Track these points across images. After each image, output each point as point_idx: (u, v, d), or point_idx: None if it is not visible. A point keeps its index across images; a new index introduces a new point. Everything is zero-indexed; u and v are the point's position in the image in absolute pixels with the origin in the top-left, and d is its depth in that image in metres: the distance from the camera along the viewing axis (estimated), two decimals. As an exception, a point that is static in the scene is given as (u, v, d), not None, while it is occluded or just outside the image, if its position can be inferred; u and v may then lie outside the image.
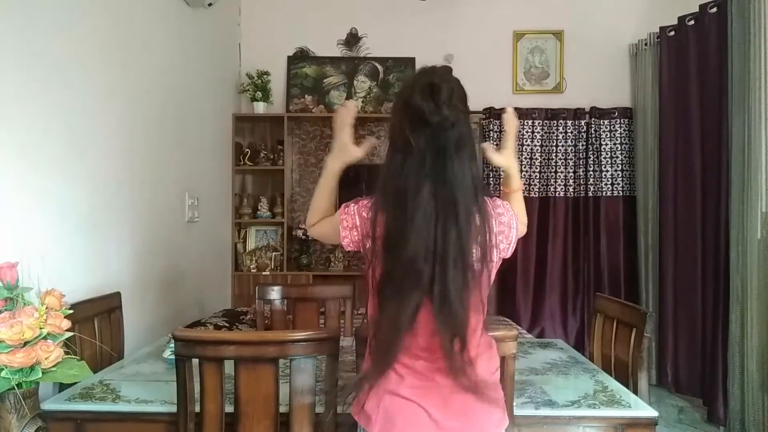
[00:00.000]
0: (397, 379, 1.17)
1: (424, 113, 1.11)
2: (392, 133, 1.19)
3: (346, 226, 1.24)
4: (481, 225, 1.14)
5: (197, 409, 1.43)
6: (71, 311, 1.47)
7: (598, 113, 4.13)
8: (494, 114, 4.16)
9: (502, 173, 1.45)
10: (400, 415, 1.15)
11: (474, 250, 1.13)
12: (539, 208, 4.14)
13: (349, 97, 4.24)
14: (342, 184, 1.42)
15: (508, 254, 1.26)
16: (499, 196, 1.34)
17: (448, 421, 1.14)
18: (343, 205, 1.27)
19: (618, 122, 4.12)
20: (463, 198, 1.11)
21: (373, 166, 4.29)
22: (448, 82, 1.14)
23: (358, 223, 1.22)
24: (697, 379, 3.43)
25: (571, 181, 4.16)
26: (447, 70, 1.20)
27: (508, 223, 1.24)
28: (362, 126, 4.28)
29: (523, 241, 4.07)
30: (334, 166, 1.37)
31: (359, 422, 1.21)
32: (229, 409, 1.43)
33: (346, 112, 1.38)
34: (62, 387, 1.72)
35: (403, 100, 1.17)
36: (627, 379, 1.88)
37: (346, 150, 1.36)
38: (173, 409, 1.45)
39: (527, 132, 4.15)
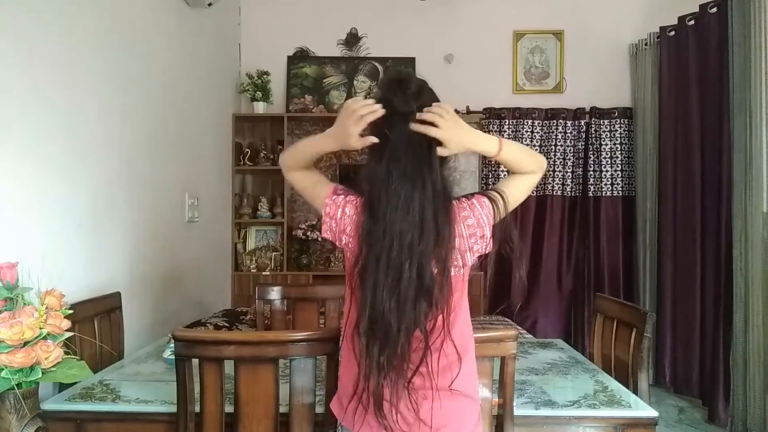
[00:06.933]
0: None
1: (392, 103, 1.16)
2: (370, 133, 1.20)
3: (328, 212, 1.23)
4: (443, 232, 1.12)
5: (197, 409, 1.44)
6: (71, 311, 1.47)
7: (598, 113, 4.13)
8: (494, 114, 4.16)
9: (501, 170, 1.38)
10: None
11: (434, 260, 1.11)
12: (536, 206, 4.15)
13: (349, 97, 4.24)
14: (342, 183, 1.41)
15: (490, 248, 1.20)
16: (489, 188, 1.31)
17: (415, 420, 1.12)
18: (334, 187, 1.25)
19: (618, 122, 4.12)
20: (429, 200, 1.11)
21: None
22: (415, 79, 1.21)
23: (338, 216, 1.21)
24: (696, 380, 3.43)
25: (569, 180, 4.16)
26: (412, 71, 1.23)
27: (478, 223, 1.18)
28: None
29: (519, 239, 4.10)
30: (328, 146, 1.30)
31: (335, 412, 1.24)
32: (229, 409, 1.43)
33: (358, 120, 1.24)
34: (62, 387, 1.72)
35: (376, 99, 1.20)
36: (627, 379, 1.88)
37: (347, 141, 1.24)
38: (173, 409, 1.45)
39: (527, 132, 4.15)
